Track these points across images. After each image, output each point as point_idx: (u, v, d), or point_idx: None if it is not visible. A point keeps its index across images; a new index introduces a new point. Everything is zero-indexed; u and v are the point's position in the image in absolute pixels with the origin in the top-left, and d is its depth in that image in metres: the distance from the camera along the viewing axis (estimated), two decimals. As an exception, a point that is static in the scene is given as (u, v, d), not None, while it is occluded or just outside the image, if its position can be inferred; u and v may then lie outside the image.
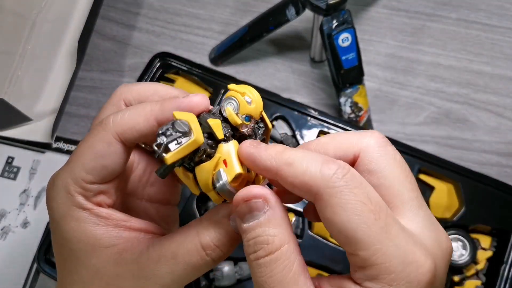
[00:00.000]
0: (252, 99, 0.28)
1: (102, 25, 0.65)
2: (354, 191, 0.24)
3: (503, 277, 0.47)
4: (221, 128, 0.27)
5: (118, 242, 0.28)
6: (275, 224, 0.25)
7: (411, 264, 0.24)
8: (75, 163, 0.28)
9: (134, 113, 0.28)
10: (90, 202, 0.28)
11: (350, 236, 0.23)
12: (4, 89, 0.59)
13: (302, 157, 0.25)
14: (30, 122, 0.57)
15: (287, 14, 0.54)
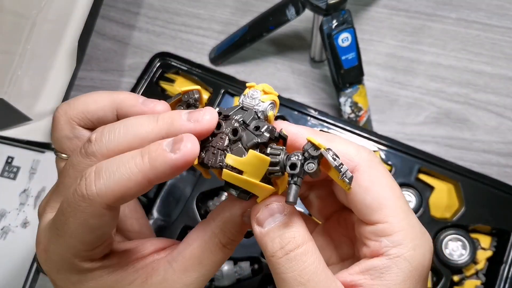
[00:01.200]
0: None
1: (102, 25, 0.65)
2: (385, 169, 0.28)
3: (502, 277, 0.47)
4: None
5: (138, 275, 0.28)
6: (297, 224, 0.26)
7: (425, 234, 0.28)
8: (72, 239, 0.26)
9: (120, 179, 0.24)
10: (97, 261, 0.28)
11: (384, 202, 0.27)
12: (4, 89, 0.59)
13: (341, 138, 0.29)
14: (30, 122, 0.57)
15: (287, 14, 0.54)
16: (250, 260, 0.49)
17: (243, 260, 0.49)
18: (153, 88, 0.56)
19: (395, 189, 0.28)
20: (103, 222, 0.25)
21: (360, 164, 0.28)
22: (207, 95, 0.56)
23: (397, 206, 0.27)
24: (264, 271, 0.48)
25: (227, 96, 0.56)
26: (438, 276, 0.48)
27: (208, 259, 0.28)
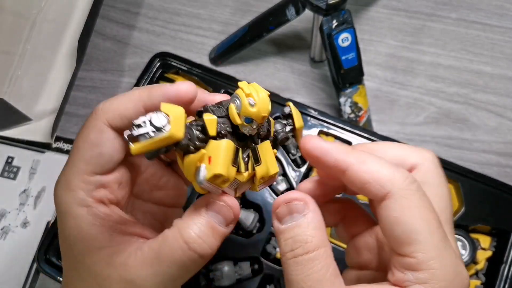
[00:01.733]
0: (255, 102, 0.26)
1: (102, 25, 0.65)
2: (423, 198, 0.26)
3: (502, 277, 0.47)
4: (215, 124, 0.27)
5: (111, 245, 0.28)
6: (314, 227, 0.26)
7: (459, 275, 0.25)
8: (75, 157, 0.29)
9: (122, 99, 0.29)
10: (91, 198, 0.28)
11: (413, 237, 0.25)
12: (4, 89, 0.59)
13: (375, 158, 0.27)
14: (30, 122, 0.57)
15: (287, 14, 0.54)
16: (250, 260, 0.49)
17: (243, 260, 0.49)
18: (153, 88, 0.56)
19: (430, 223, 0.25)
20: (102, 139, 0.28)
21: (392, 193, 0.25)
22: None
23: (429, 242, 0.25)
24: (264, 271, 0.48)
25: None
26: (438, 276, 0.48)
27: (165, 256, 0.27)
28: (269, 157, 0.29)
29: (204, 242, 0.27)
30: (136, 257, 0.27)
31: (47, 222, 0.54)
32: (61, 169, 0.31)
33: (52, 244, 0.49)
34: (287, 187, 0.52)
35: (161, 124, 0.25)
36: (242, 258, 0.49)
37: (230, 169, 0.27)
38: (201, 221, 0.27)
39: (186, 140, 0.26)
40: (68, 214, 0.28)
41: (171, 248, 0.27)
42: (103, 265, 0.28)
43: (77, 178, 0.28)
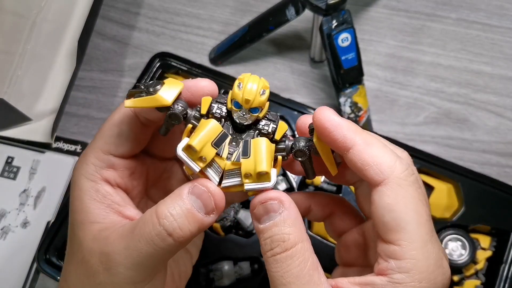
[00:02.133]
0: (242, 86, 0.28)
1: (102, 25, 0.65)
2: (418, 191, 0.27)
3: (502, 277, 0.47)
4: (207, 104, 0.28)
5: (104, 221, 0.29)
6: (290, 224, 0.27)
7: (440, 269, 0.26)
8: (98, 134, 0.31)
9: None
10: (98, 174, 0.30)
11: (402, 225, 0.26)
12: (4, 89, 0.59)
13: (380, 144, 0.27)
14: (30, 122, 0.57)
15: (287, 14, 0.54)
16: (250, 260, 0.49)
17: (243, 260, 0.49)
18: (153, 88, 0.56)
19: (421, 215, 0.26)
20: (123, 119, 0.30)
21: (389, 180, 0.26)
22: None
23: (417, 232, 0.26)
24: (264, 271, 0.48)
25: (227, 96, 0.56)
26: (438, 276, 0.48)
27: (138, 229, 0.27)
28: (262, 154, 0.28)
29: (174, 221, 0.26)
30: (118, 231, 0.28)
31: (47, 222, 0.54)
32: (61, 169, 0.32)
33: (52, 244, 0.49)
34: (287, 187, 0.52)
35: (154, 88, 0.27)
36: (242, 258, 0.49)
37: (208, 148, 0.27)
38: (178, 201, 0.27)
39: (178, 111, 0.28)
40: (76, 185, 0.30)
41: (144, 222, 0.27)
42: (90, 238, 0.29)
43: (92, 153, 0.30)
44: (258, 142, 0.28)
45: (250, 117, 0.28)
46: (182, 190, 0.27)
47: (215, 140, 0.27)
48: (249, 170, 0.27)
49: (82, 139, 0.59)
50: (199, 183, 0.27)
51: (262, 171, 0.27)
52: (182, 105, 0.28)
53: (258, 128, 0.29)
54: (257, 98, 0.27)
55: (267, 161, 0.27)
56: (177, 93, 0.28)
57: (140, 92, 0.28)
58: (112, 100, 0.61)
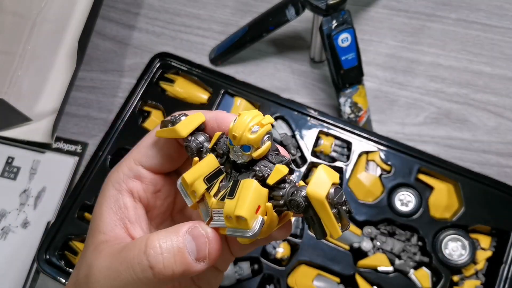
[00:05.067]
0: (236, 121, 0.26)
1: (102, 25, 0.65)
2: None
3: (502, 277, 0.47)
4: (215, 139, 0.28)
5: (109, 234, 0.29)
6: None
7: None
8: (135, 146, 0.32)
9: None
10: (124, 184, 0.30)
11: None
12: (4, 89, 0.59)
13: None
14: (30, 122, 0.57)
15: (287, 14, 0.54)
16: (250, 260, 0.49)
17: (243, 260, 0.49)
18: (153, 89, 0.56)
19: None
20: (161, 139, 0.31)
21: None
22: (207, 95, 0.56)
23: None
24: (264, 271, 0.48)
25: (227, 96, 0.56)
26: (437, 276, 0.48)
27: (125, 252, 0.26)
28: (246, 197, 0.24)
29: (161, 254, 0.25)
30: (112, 247, 0.28)
31: (47, 222, 0.54)
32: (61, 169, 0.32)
33: (52, 244, 0.49)
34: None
35: (179, 119, 0.28)
36: (242, 258, 0.49)
37: (199, 182, 0.26)
38: (172, 237, 0.25)
39: (191, 144, 0.28)
40: (103, 190, 0.31)
41: (132, 246, 0.26)
42: (92, 248, 0.29)
43: (125, 162, 0.31)
44: (246, 183, 0.25)
45: (242, 155, 0.25)
46: (181, 227, 0.26)
47: (209, 175, 0.26)
48: (229, 213, 0.24)
49: (82, 139, 0.59)
50: (201, 226, 0.26)
51: (238, 215, 0.24)
52: (199, 139, 0.28)
53: (254, 170, 0.25)
54: (245, 134, 0.24)
55: (248, 206, 0.24)
56: (194, 127, 0.28)
57: (169, 122, 0.29)
58: (112, 100, 0.61)
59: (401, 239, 0.50)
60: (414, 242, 0.49)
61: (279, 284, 0.48)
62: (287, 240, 0.49)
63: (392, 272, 0.48)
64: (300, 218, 0.50)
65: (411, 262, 0.49)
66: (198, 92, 0.56)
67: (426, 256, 0.49)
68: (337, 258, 0.48)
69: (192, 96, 0.56)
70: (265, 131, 0.25)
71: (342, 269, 0.48)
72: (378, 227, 0.50)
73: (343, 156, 0.53)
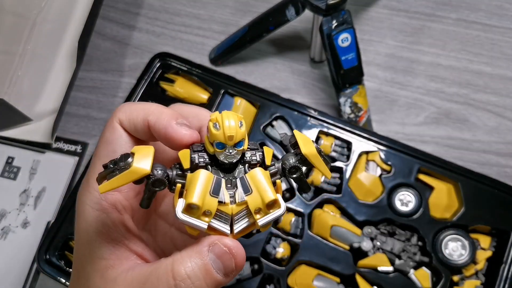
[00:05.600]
0: (220, 125, 0.26)
1: (102, 25, 0.65)
2: None
3: (502, 277, 0.47)
4: (187, 156, 0.27)
5: (110, 258, 0.28)
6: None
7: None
8: (95, 155, 0.29)
9: (137, 106, 0.29)
10: (104, 201, 0.28)
11: None
12: (4, 89, 0.59)
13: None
14: (30, 122, 0.57)
15: (287, 14, 0.54)
16: (250, 260, 0.49)
17: (243, 260, 0.49)
18: (153, 89, 0.56)
19: None
20: (114, 137, 0.29)
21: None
22: (207, 95, 0.56)
23: None
24: (264, 271, 0.48)
25: (227, 96, 0.56)
26: (437, 276, 0.48)
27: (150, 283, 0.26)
28: (263, 184, 0.26)
29: (192, 284, 0.25)
30: (126, 277, 0.27)
31: (47, 222, 0.54)
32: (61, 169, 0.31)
33: (52, 244, 0.49)
34: (287, 187, 0.52)
35: (125, 162, 0.25)
36: (242, 258, 0.49)
37: (208, 199, 0.26)
38: (197, 261, 0.25)
39: (160, 175, 0.26)
40: (81, 215, 0.29)
41: (158, 279, 0.26)
42: (98, 276, 0.28)
43: (94, 178, 0.28)
44: (254, 174, 0.27)
45: (237, 153, 0.27)
46: (201, 247, 0.26)
47: (212, 189, 0.26)
48: (257, 205, 0.26)
49: (82, 139, 0.59)
50: (220, 242, 0.26)
51: (270, 200, 0.26)
52: (161, 169, 0.26)
53: (246, 161, 0.27)
54: (239, 132, 0.26)
55: (271, 189, 0.26)
56: (152, 159, 0.26)
57: (112, 171, 0.26)
58: (112, 100, 0.61)
59: (401, 239, 0.50)
60: (414, 242, 0.49)
61: (279, 284, 0.48)
62: (287, 240, 0.49)
63: (392, 272, 0.48)
64: (300, 218, 0.50)
65: (411, 262, 0.49)
66: (198, 92, 0.56)
67: (426, 256, 0.49)
68: (337, 258, 0.48)
69: (192, 96, 0.56)
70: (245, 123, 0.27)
71: (342, 269, 0.48)
72: (378, 227, 0.50)
73: (343, 156, 0.53)
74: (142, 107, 0.29)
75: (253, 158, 0.27)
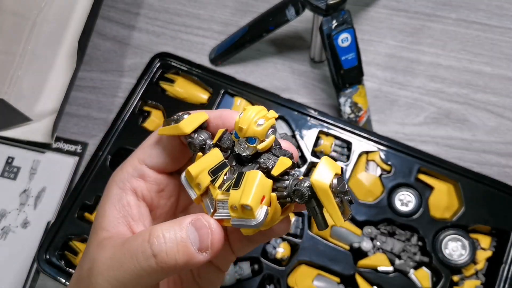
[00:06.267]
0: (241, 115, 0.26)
1: (102, 25, 0.65)
2: None
3: (502, 277, 0.47)
4: (219, 135, 0.28)
5: (111, 230, 0.29)
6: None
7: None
8: (139, 146, 0.32)
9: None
10: (128, 183, 0.31)
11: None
12: (4, 89, 0.59)
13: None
14: (30, 122, 0.57)
15: (287, 14, 0.54)
16: (250, 260, 0.49)
17: (243, 260, 0.49)
18: (153, 88, 0.56)
19: None
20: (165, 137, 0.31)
21: None
22: (207, 95, 0.56)
23: None
24: (264, 271, 0.48)
25: (227, 96, 0.56)
26: (437, 276, 0.48)
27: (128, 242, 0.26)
28: (251, 187, 0.25)
29: (164, 243, 0.25)
30: (115, 241, 0.28)
31: (47, 222, 0.54)
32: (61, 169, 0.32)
33: (52, 244, 0.49)
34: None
35: (180, 117, 0.29)
36: (242, 258, 0.49)
37: (204, 175, 0.27)
38: (176, 228, 0.26)
39: (195, 141, 0.28)
40: (107, 190, 0.31)
41: (136, 236, 0.26)
42: (95, 244, 0.29)
43: (129, 161, 0.31)
44: (251, 174, 0.26)
45: (248, 147, 0.26)
46: (184, 218, 0.27)
47: (213, 168, 0.27)
48: (234, 202, 0.25)
49: (82, 139, 0.59)
50: (204, 218, 0.26)
51: (244, 204, 0.24)
52: (202, 136, 0.28)
53: (258, 162, 0.27)
54: (251, 126, 0.26)
55: (254, 195, 0.24)
56: (197, 124, 0.28)
57: (172, 121, 0.29)
58: (112, 100, 0.61)
59: (401, 239, 0.50)
60: (414, 242, 0.49)
61: (279, 284, 0.48)
62: (287, 240, 0.49)
63: (392, 272, 0.48)
64: (300, 218, 0.50)
65: (411, 262, 0.49)
66: (198, 92, 0.56)
67: (426, 256, 0.49)
68: (337, 258, 0.48)
69: (192, 96, 0.56)
70: (270, 124, 0.26)
71: (342, 269, 0.48)
72: (378, 227, 0.50)
73: (343, 156, 0.53)
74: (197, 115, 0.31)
75: (265, 163, 0.26)
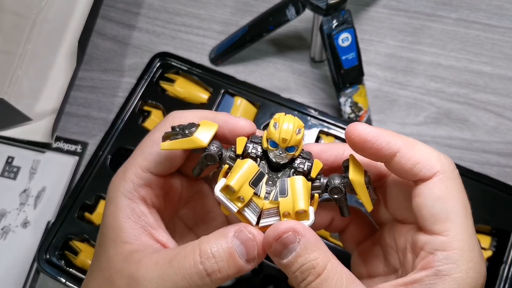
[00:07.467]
0: (279, 126, 0.28)
1: (102, 25, 0.65)
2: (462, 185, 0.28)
3: (502, 277, 0.47)
4: (243, 144, 0.29)
5: (135, 243, 0.29)
6: (313, 248, 0.26)
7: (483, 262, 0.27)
8: (137, 151, 0.31)
9: (190, 113, 0.31)
10: (136, 193, 0.30)
11: (450, 216, 0.26)
12: (4, 89, 0.59)
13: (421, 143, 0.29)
14: (30, 122, 0.57)
15: (287, 14, 0.54)
16: (250, 260, 0.49)
17: (243, 260, 0.49)
18: (153, 88, 0.56)
19: (466, 208, 0.27)
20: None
21: (440, 172, 0.27)
22: (207, 95, 0.56)
23: (463, 225, 0.27)
24: (264, 271, 0.48)
25: (227, 96, 0.56)
26: (438, 276, 0.48)
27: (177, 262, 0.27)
28: (300, 193, 0.28)
29: (215, 263, 0.26)
30: (151, 257, 0.28)
31: (47, 222, 0.54)
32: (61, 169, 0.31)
33: (52, 244, 0.49)
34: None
35: (189, 130, 0.28)
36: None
37: (246, 188, 0.27)
38: (222, 243, 0.27)
39: (214, 152, 0.28)
40: (112, 201, 0.30)
41: (185, 256, 0.27)
42: (121, 259, 0.29)
43: (132, 170, 0.30)
44: (295, 180, 0.28)
45: (286, 156, 0.28)
46: (227, 231, 0.27)
47: (253, 179, 0.28)
48: (287, 209, 0.28)
49: (82, 139, 0.59)
50: (246, 229, 0.27)
51: (300, 209, 0.27)
52: (217, 146, 0.29)
53: (293, 167, 0.29)
54: (294, 137, 0.28)
55: (305, 200, 0.28)
56: (213, 135, 0.29)
57: (176, 134, 0.29)
58: (112, 100, 0.61)
59: (401, 239, 0.50)
60: (414, 242, 0.49)
61: (279, 284, 0.48)
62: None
63: (392, 272, 0.48)
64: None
65: (411, 262, 0.49)
66: (198, 91, 0.56)
67: (426, 256, 0.49)
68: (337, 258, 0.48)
69: (192, 96, 0.56)
70: (303, 132, 0.29)
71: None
72: (378, 227, 0.50)
73: (343, 156, 0.53)
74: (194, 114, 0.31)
75: (300, 166, 0.29)
